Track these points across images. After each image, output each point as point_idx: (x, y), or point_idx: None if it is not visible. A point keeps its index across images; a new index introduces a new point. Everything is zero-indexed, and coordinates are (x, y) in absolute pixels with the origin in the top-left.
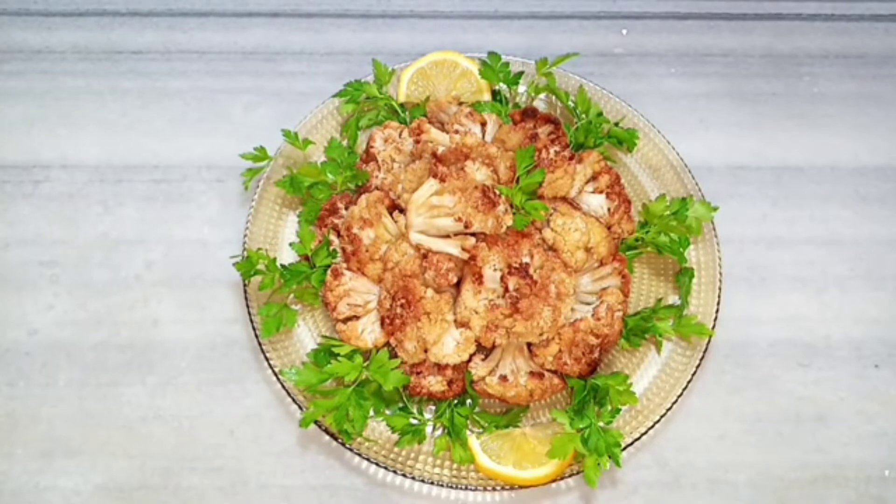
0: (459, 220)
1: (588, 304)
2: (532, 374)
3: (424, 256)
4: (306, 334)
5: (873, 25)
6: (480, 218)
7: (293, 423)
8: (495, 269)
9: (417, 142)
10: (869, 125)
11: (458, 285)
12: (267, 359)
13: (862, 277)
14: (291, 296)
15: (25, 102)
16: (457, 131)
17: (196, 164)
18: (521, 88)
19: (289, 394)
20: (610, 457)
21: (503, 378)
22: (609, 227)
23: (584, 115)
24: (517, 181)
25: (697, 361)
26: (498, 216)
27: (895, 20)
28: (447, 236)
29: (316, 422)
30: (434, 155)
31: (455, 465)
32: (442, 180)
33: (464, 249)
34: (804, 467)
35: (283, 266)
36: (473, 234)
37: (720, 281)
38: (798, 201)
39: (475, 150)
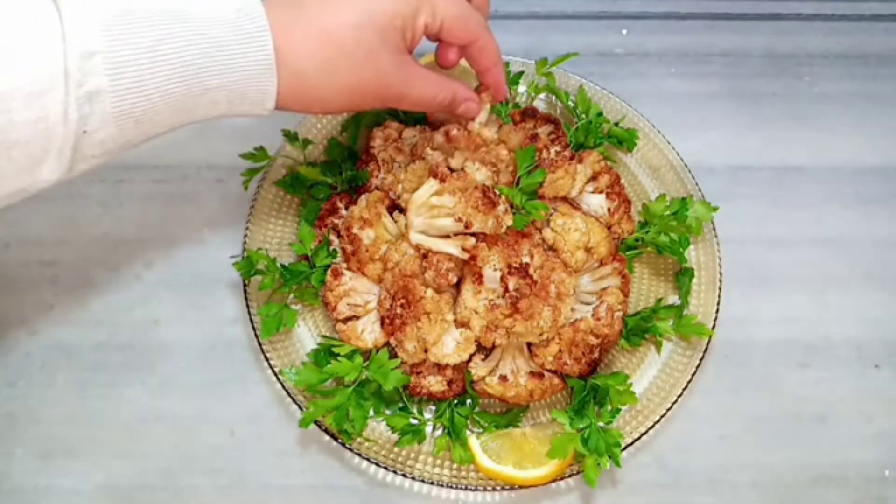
0: (460, 220)
1: (588, 304)
2: (532, 374)
3: (424, 256)
4: (306, 334)
5: (873, 25)
6: (481, 218)
7: (293, 423)
8: (495, 269)
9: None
10: (869, 125)
11: (458, 285)
12: (267, 359)
13: (862, 277)
14: (291, 296)
15: None
16: (479, 122)
17: (196, 164)
18: (521, 88)
19: (289, 394)
20: (610, 457)
21: (503, 378)
22: (609, 227)
23: (584, 115)
24: (517, 181)
25: (697, 361)
26: (498, 216)
27: (895, 20)
28: (447, 236)
29: (316, 422)
30: (447, 134)
31: (455, 465)
32: (442, 180)
33: (464, 249)
34: (804, 467)
35: (283, 266)
36: (474, 235)
37: (720, 281)
38: (798, 201)
39: (487, 145)
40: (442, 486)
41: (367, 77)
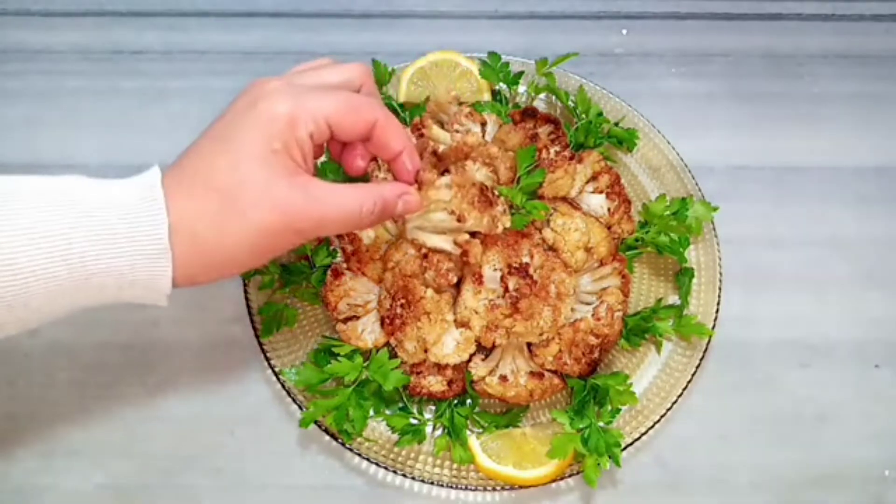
0: (453, 213)
1: (588, 304)
2: (532, 374)
3: (425, 256)
4: (306, 334)
5: (873, 25)
6: (475, 215)
7: (293, 423)
8: (495, 269)
9: (421, 135)
10: (869, 125)
11: (458, 285)
12: (267, 359)
13: (862, 277)
14: (291, 296)
15: (25, 102)
16: (457, 131)
17: None
18: (521, 88)
19: (289, 394)
20: (610, 457)
21: (503, 378)
22: (609, 227)
23: (584, 115)
24: (518, 181)
25: (697, 361)
26: (494, 216)
27: (895, 20)
28: (444, 233)
29: (316, 422)
30: (435, 153)
31: (455, 465)
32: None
33: (456, 243)
34: (804, 467)
35: (283, 266)
36: (471, 234)
37: (720, 281)
38: (798, 201)
39: (476, 149)
40: (442, 486)
41: (268, 216)
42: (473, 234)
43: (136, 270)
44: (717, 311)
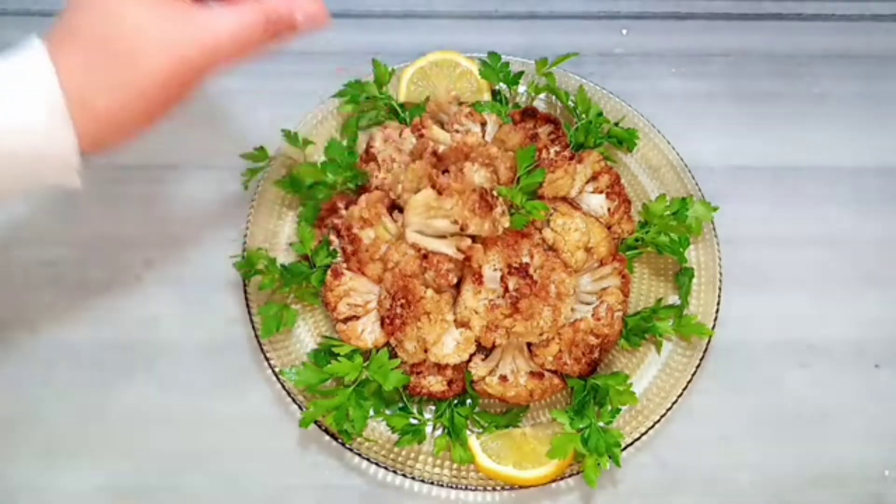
0: (456, 222)
1: (588, 304)
2: (532, 374)
3: (425, 257)
4: (306, 334)
5: (873, 25)
6: (477, 222)
7: (293, 423)
8: (495, 269)
9: (421, 136)
10: (869, 125)
11: (458, 285)
12: (267, 359)
13: (862, 277)
14: (291, 296)
15: None
16: (457, 131)
17: (196, 164)
18: (521, 88)
19: (289, 394)
20: (610, 457)
21: (503, 378)
22: (609, 227)
23: (584, 115)
24: (517, 181)
25: (697, 361)
26: (495, 219)
27: (895, 20)
28: (444, 237)
29: (316, 422)
30: (435, 154)
31: (455, 465)
32: (440, 192)
33: (459, 250)
34: (804, 467)
35: (283, 266)
36: (471, 236)
37: (720, 281)
38: (798, 201)
39: (476, 149)
40: (442, 486)
41: (158, 59)
42: (473, 238)
43: (42, 144)
44: (717, 311)
